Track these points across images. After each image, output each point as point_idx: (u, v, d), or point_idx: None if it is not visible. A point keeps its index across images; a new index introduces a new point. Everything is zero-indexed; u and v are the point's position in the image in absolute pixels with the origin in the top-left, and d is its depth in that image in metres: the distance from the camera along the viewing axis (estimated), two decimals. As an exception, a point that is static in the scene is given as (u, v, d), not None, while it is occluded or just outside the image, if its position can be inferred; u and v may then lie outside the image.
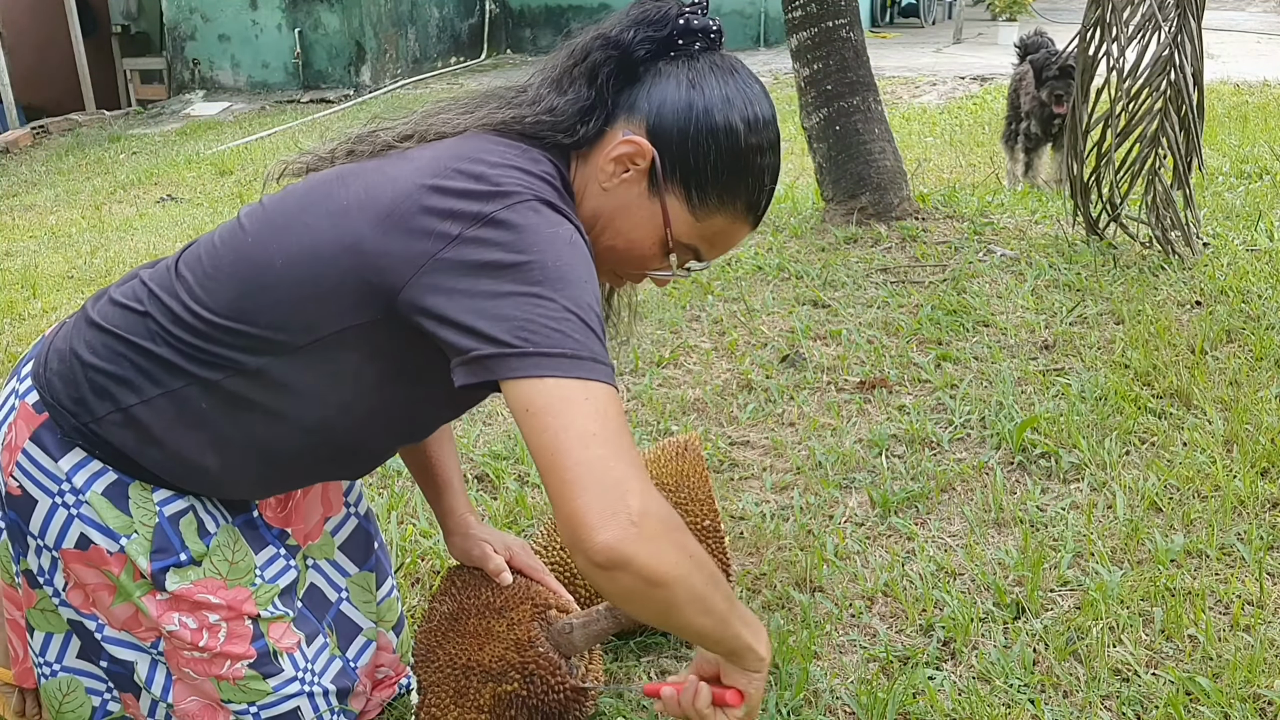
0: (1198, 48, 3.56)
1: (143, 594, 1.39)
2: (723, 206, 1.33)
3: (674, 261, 1.36)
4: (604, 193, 1.33)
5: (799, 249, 4.01)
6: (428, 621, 1.59)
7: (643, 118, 1.31)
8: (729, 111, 1.30)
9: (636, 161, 1.31)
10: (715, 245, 1.38)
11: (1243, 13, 13.53)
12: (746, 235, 1.39)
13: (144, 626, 1.43)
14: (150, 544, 1.38)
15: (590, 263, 1.23)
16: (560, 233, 1.20)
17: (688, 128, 1.29)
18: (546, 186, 1.25)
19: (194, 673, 1.42)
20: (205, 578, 1.41)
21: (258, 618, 1.44)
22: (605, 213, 1.34)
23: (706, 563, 1.21)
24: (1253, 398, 2.61)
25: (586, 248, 1.24)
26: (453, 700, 1.51)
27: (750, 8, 12.28)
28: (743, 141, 1.30)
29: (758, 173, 1.33)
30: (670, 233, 1.33)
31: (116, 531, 1.37)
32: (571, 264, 1.18)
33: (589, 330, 1.16)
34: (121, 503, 1.37)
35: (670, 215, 1.32)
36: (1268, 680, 1.69)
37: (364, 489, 1.78)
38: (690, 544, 1.19)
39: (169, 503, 1.39)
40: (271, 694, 1.44)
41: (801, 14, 4.17)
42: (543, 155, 1.30)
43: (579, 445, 1.11)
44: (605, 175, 1.32)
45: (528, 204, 1.20)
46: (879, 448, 2.51)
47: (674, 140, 1.30)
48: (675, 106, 1.30)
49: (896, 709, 1.67)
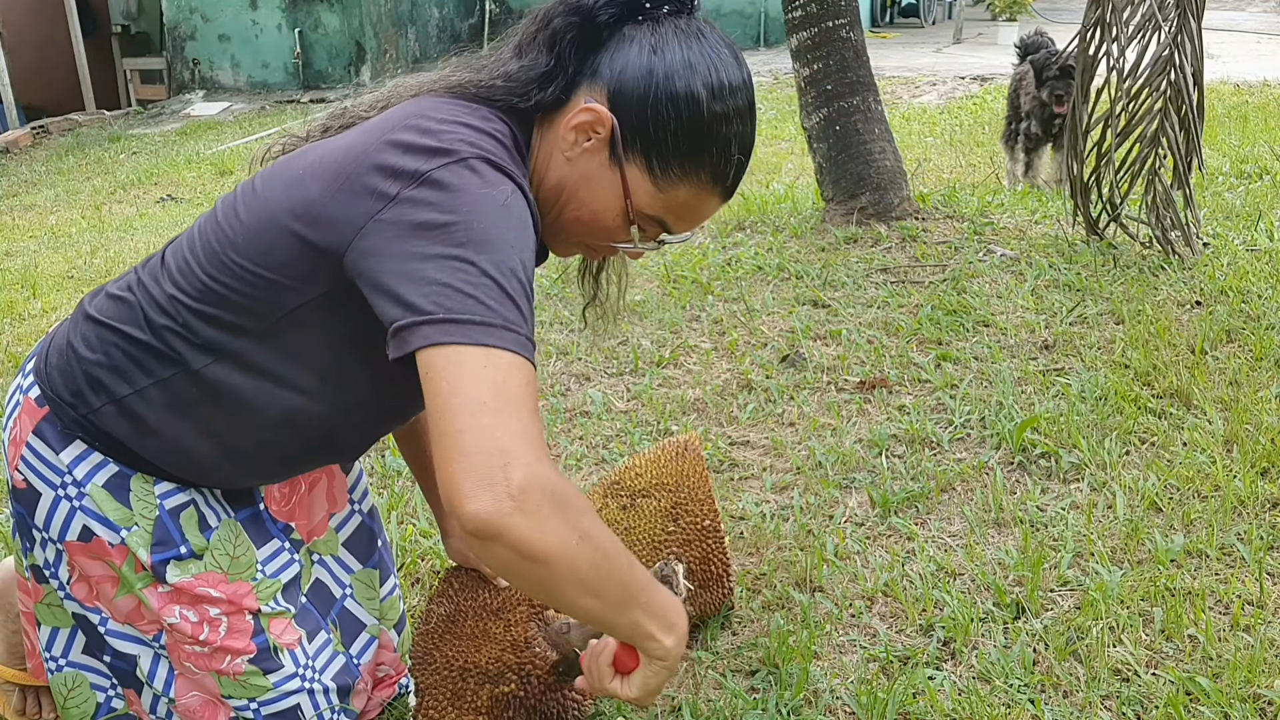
0: (1198, 48, 3.56)
1: (144, 586, 1.40)
2: (686, 177, 1.28)
3: (635, 234, 1.32)
4: (567, 162, 1.30)
5: (799, 249, 4.01)
6: (425, 623, 1.59)
7: (604, 85, 1.27)
8: (690, 78, 1.25)
9: (597, 130, 1.27)
10: (682, 217, 1.33)
11: (1243, 13, 13.53)
12: (717, 207, 1.34)
13: (146, 619, 1.43)
14: (150, 536, 1.39)
15: (526, 225, 1.19)
16: (494, 194, 1.16)
17: (647, 95, 1.25)
18: (494, 143, 1.21)
19: (195, 667, 1.43)
20: (206, 571, 1.42)
21: (258, 613, 1.44)
22: (569, 183, 1.31)
23: (604, 546, 1.15)
24: (1253, 398, 2.61)
25: (527, 210, 1.20)
26: (450, 702, 1.52)
27: (750, 8, 12.29)
28: (705, 109, 1.25)
29: (723, 142, 1.27)
30: (631, 204, 1.29)
31: (117, 524, 1.37)
32: (500, 226, 1.15)
33: (506, 297, 1.12)
34: (122, 495, 1.38)
35: (631, 186, 1.28)
36: (1268, 680, 1.69)
37: (369, 486, 1.78)
38: (587, 524, 1.13)
39: (170, 496, 1.40)
40: (272, 690, 1.44)
41: (801, 14, 4.17)
42: (494, 115, 1.27)
43: (466, 412, 1.07)
44: (567, 144, 1.29)
45: (465, 163, 1.17)
46: (879, 448, 2.51)
47: (634, 108, 1.25)
48: (636, 73, 1.26)
49: (896, 709, 1.67)
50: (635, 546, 1.83)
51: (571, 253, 1.44)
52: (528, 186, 1.23)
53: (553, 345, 3.22)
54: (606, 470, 2.48)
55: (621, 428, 2.68)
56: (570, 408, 2.82)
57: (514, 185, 1.19)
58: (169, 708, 1.47)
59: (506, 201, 1.17)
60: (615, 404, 2.83)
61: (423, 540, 2.21)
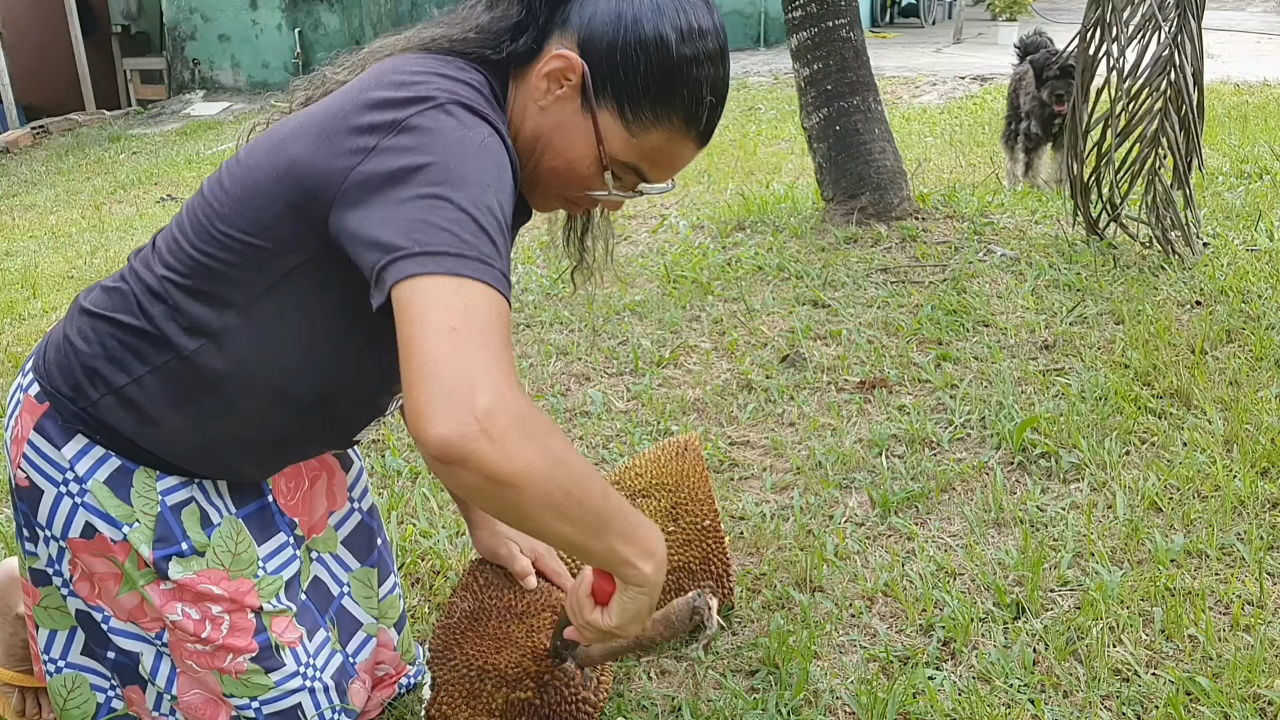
0: (1198, 48, 3.56)
1: (147, 583, 1.40)
2: (658, 121, 1.27)
3: (609, 181, 1.31)
4: (541, 111, 1.30)
5: (799, 249, 4.01)
6: (447, 617, 1.58)
7: (575, 32, 1.27)
8: (659, 20, 1.24)
9: (568, 77, 1.27)
10: (658, 164, 1.32)
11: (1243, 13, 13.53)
12: (693, 154, 1.33)
13: (149, 617, 1.43)
14: (152, 533, 1.39)
15: (504, 168, 1.18)
16: (470, 135, 1.16)
17: (616, 39, 1.24)
18: (470, 90, 1.22)
19: (197, 665, 1.43)
20: (208, 568, 1.42)
21: (260, 610, 1.44)
22: (544, 132, 1.31)
23: (575, 471, 1.13)
24: (1253, 398, 2.61)
25: (504, 152, 1.20)
26: (465, 701, 1.51)
27: (750, 8, 12.29)
28: (674, 52, 1.25)
29: (694, 84, 1.26)
30: (604, 150, 1.29)
31: (119, 520, 1.38)
32: (478, 166, 1.14)
33: (481, 231, 1.11)
34: (124, 491, 1.38)
35: (604, 132, 1.28)
36: (1268, 680, 1.69)
37: (369, 485, 1.78)
38: (558, 449, 1.11)
39: (172, 492, 1.40)
40: (273, 688, 1.44)
41: (801, 14, 4.18)
42: (470, 66, 1.27)
43: (434, 337, 1.05)
44: (540, 93, 1.29)
45: (441, 108, 1.17)
46: (879, 448, 2.51)
47: (603, 54, 1.25)
48: (604, 19, 1.25)
49: (896, 709, 1.67)
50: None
51: (552, 206, 1.42)
52: (506, 133, 1.23)
53: (553, 345, 3.22)
54: (606, 470, 2.48)
55: (621, 428, 2.69)
56: (570, 408, 2.82)
57: (491, 128, 1.19)
58: (172, 706, 1.47)
59: (483, 143, 1.17)
60: (615, 404, 2.83)
61: (423, 540, 2.21)
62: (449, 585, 2.05)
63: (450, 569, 2.10)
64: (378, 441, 2.69)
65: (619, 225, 4.61)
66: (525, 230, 4.65)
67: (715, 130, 1.32)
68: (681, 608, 1.51)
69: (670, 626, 1.52)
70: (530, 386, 2.96)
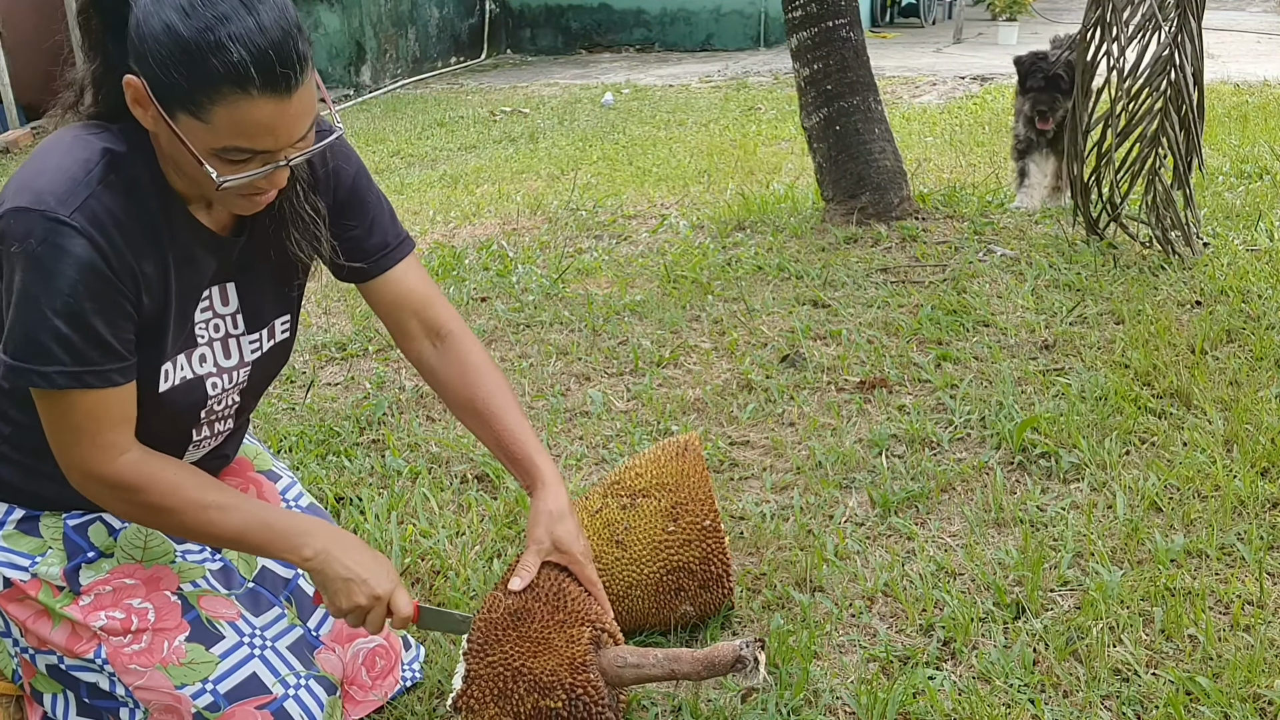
0: (1198, 48, 3.55)
1: (65, 605, 1.47)
2: (214, 100, 1.25)
3: (211, 172, 1.29)
4: (156, 135, 1.33)
5: (799, 249, 4.01)
6: (490, 610, 1.57)
7: (131, 54, 1.27)
8: (160, 10, 1.23)
9: (141, 98, 1.28)
10: (249, 134, 1.28)
11: (1243, 13, 13.52)
12: (278, 109, 1.27)
13: (82, 639, 1.49)
14: (63, 553, 1.49)
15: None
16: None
17: (142, 47, 1.24)
18: (63, 179, 1.31)
19: (140, 666, 1.47)
20: (119, 564, 1.50)
21: (182, 591, 1.51)
22: (166, 152, 1.34)
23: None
24: (1253, 398, 2.61)
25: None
26: (494, 699, 1.51)
27: (750, 8, 12.28)
28: (184, 30, 1.22)
29: (217, 50, 1.22)
30: (191, 148, 1.28)
31: (30, 554, 1.47)
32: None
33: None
34: (32, 529, 1.49)
35: (183, 131, 1.27)
36: (1268, 680, 1.69)
37: (304, 491, 1.81)
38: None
39: (76, 517, 1.51)
40: (220, 663, 1.47)
41: (801, 14, 4.17)
42: (91, 130, 1.35)
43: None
44: (144, 121, 1.31)
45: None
46: (879, 448, 2.51)
47: (143, 65, 1.25)
48: (133, 31, 1.25)
49: (896, 709, 1.67)
50: (635, 546, 1.83)
51: (244, 208, 1.41)
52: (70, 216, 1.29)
53: (553, 345, 3.22)
54: (606, 470, 2.48)
55: (621, 428, 2.68)
56: (570, 408, 2.82)
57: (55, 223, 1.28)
58: (143, 716, 1.52)
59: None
60: (615, 404, 2.83)
61: (423, 540, 2.21)
62: (449, 585, 2.05)
63: (450, 569, 2.10)
64: (378, 441, 2.69)
65: (619, 225, 4.61)
66: (525, 229, 4.65)
67: (287, 73, 1.26)
68: (727, 653, 1.54)
69: (711, 668, 1.55)
70: (530, 386, 2.96)
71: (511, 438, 1.63)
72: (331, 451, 2.63)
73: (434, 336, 1.66)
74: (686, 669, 1.56)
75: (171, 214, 1.38)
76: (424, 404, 2.89)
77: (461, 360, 1.65)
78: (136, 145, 1.35)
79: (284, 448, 2.65)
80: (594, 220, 4.73)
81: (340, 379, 3.12)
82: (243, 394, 1.58)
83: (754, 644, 1.52)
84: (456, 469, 2.53)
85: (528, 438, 1.64)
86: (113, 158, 1.33)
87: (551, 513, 1.61)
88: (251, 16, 1.24)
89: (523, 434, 1.64)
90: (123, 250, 1.31)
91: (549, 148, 7.14)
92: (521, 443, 1.63)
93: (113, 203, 1.31)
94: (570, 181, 5.76)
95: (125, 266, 1.32)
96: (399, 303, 1.63)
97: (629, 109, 8.70)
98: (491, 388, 1.64)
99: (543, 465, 1.64)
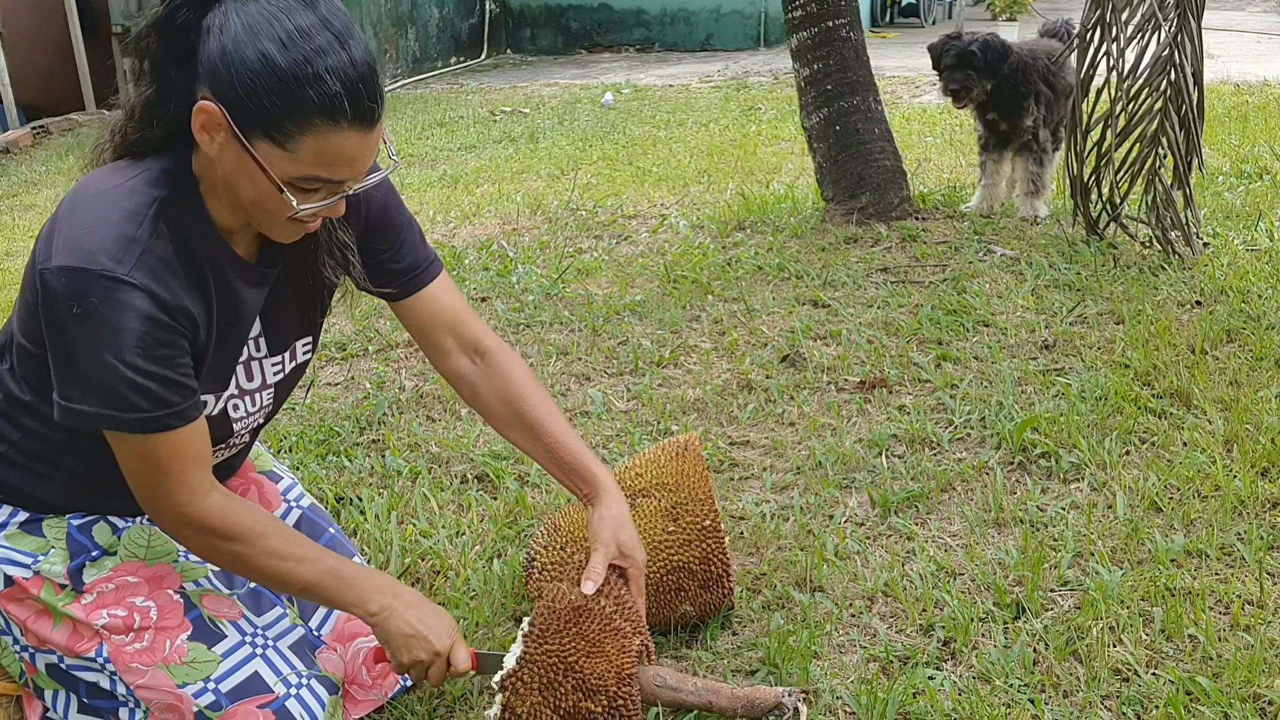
0: (1198, 48, 3.55)
1: (67, 603, 1.48)
2: (303, 130, 1.28)
3: (290, 199, 1.32)
4: (218, 162, 1.34)
5: (799, 249, 4.01)
6: (554, 601, 1.58)
7: (205, 81, 1.29)
8: (257, 41, 1.25)
9: (215, 125, 1.29)
10: (329, 164, 1.31)
11: (1243, 13, 13.53)
12: (363, 141, 1.32)
13: (84, 638, 1.49)
14: (66, 552, 1.49)
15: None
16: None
17: (230, 75, 1.26)
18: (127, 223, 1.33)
19: (142, 665, 1.47)
20: (123, 562, 1.51)
21: (185, 590, 1.51)
22: (229, 178, 1.35)
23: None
24: (1253, 398, 2.61)
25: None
26: (540, 689, 1.51)
27: (750, 8, 12.28)
28: (281, 62, 1.25)
29: (314, 81, 1.26)
30: (272, 176, 1.31)
31: (33, 553, 1.48)
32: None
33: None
34: (35, 529, 1.50)
35: (264, 160, 1.30)
36: (1268, 680, 1.69)
37: (304, 491, 1.84)
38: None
39: (80, 518, 1.52)
40: (222, 662, 1.48)
41: (801, 14, 4.17)
42: (134, 164, 1.37)
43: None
44: (207, 146, 1.32)
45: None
46: (879, 448, 2.51)
47: (228, 91, 1.27)
48: (215, 59, 1.27)
49: (896, 709, 1.67)
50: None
51: (288, 234, 1.43)
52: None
53: (553, 345, 3.22)
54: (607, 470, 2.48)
55: (621, 428, 2.68)
56: (570, 408, 2.82)
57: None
58: (143, 716, 1.51)
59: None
60: (615, 404, 2.83)
61: (423, 540, 2.21)
62: (449, 585, 2.05)
63: (450, 569, 2.10)
64: (378, 442, 2.69)
65: (619, 225, 4.61)
66: (525, 229, 4.65)
67: (373, 107, 1.31)
68: (768, 697, 1.58)
69: (749, 708, 1.59)
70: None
71: (564, 449, 1.67)
72: (331, 451, 2.63)
73: (472, 353, 1.69)
74: (724, 704, 1.59)
75: (213, 249, 1.41)
76: (424, 404, 2.89)
77: (505, 375, 1.68)
78: (178, 182, 1.37)
79: (284, 448, 2.65)
80: (594, 220, 4.73)
81: (340, 379, 3.12)
82: (265, 415, 1.62)
83: (796, 693, 1.56)
84: (456, 469, 2.52)
85: (579, 447, 1.69)
86: (161, 206, 1.35)
87: (616, 518, 1.66)
88: (345, 51, 1.28)
89: (574, 444, 1.68)
90: (178, 293, 1.34)
91: (549, 148, 7.14)
92: (574, 452, 1.68)
93: (165, 252, 1.33)
94: (570, 181, 5.76)
95: (180, 308, 1.34)
96: (432, 321, 1.66)
97: (629, 109, 8.70)
98: (537, 401, 1.68)
99: (600, 474, 1.68)
